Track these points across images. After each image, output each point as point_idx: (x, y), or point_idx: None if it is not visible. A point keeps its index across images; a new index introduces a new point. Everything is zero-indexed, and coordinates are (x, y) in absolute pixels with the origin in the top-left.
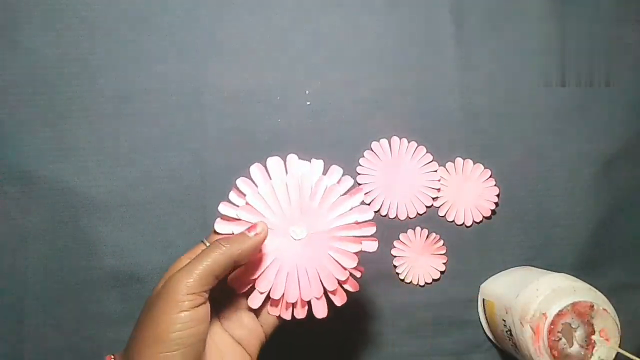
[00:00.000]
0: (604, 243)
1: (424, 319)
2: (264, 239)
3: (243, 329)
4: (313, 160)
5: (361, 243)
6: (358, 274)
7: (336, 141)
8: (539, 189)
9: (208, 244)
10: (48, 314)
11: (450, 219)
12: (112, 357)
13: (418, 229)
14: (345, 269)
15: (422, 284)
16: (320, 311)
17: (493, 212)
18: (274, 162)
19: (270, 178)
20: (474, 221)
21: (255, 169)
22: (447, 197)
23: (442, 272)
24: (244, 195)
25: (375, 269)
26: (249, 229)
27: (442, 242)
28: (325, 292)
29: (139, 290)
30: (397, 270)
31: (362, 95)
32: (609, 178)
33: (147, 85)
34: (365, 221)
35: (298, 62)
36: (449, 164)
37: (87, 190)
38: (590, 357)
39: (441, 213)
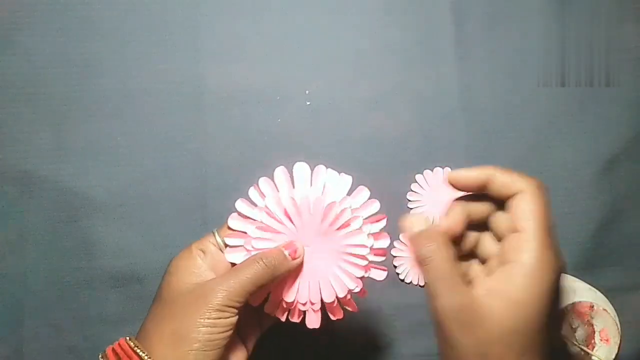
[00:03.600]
0: (604, 243)
1: (424, 319)
2: (299, 264)
3: (241, 320)
4: (342, 174)
5: (369, 270)
6: (362, 296)
7: (336, 141)
8: None
9: (218, 237)
10: (48, 314)
11: None
12: (127, 339)
13: None
14: (347, 288)
15: (422, 284)
16: (313, 321)
17: None
18: (300, 168)
19: (294, 186)
20: None
21: (280, 173)
22: (426, 206)
23: None
24: (264, 196)
25: None
26: (290, 253)
27: None
28: (323, 306)
29: (139, 290)
30: (397, 271)
31: (362, 95)
32: (609, 178)
33: (147, 85)
34: (379, 248)
35: (298, 62)
36: (426, 172)
37: (87, 190)
38: (591, 357)
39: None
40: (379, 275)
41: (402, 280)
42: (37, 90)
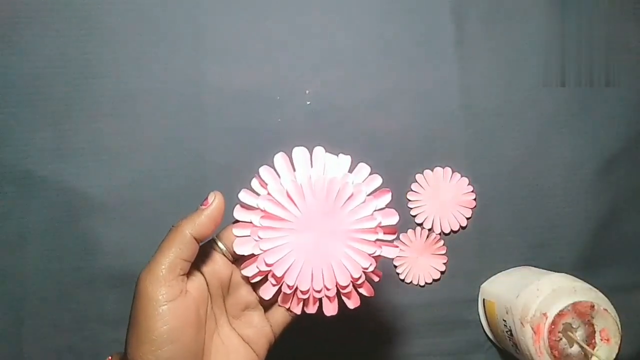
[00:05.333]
0: (604, 243)
1: (424, 319)
2: (220, 207)
3: (251, 328)
4: (340, 155)
5: (380, 247)
6: (376, 279)
7: (336, 141)
8: (539, 188)
9: (219, 244)
10: (48, 314)
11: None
12: (110, 358)
13: (418, 229)
14: (360, 268)
15: (422, 284)
16: (330, 309)
17: (468, 218)
18: (299, 153)
19: (295, 170)
20: (451, 230)
21: (279, 159)
22: (426, 206)
23: (442, 272)
24: (266, 184)
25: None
26: (203, 203)
27: (442, 242)
28: (338, 293)
29: None
30: (397, 270)
31: (362, 95)
32: (609, 178)
33: (147, 85)
34: (388, 226)
35: (298, 62)
36: (426, 172)
37: (87, 190)
38: (591, 357)
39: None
40: (391, 252)
41: (402, 280)
42: (37, 90)
